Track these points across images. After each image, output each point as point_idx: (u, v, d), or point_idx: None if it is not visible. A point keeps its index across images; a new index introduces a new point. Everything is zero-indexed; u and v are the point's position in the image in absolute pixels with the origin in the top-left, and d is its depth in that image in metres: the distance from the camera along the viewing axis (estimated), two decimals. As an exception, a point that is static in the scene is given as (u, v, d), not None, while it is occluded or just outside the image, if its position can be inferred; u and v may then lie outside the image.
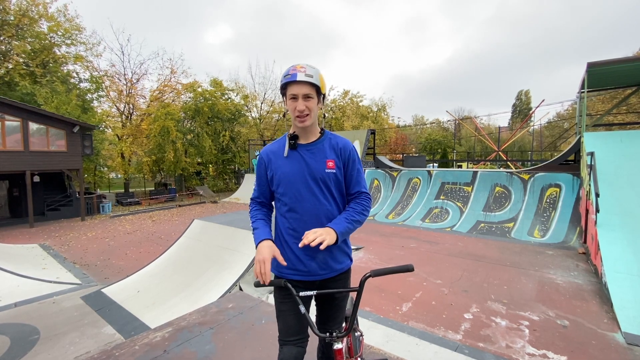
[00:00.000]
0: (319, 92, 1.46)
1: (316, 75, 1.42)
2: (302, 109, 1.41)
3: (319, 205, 1.49)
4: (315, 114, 1.47)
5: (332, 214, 1.51)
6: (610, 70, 7.65)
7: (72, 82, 18.91)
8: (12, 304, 5.18)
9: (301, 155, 1.51)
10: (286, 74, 1.43)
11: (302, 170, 1.49)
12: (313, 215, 1.48)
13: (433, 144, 31.35)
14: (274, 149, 1.58)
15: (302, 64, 1.43)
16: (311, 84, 1.41)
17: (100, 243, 9.65)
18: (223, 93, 24.36)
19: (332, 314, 1.59)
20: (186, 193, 21.57)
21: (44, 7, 17.93)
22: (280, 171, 1.51)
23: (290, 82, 1.41)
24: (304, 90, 1.40)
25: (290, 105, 1.44)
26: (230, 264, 5.32)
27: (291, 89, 1.41)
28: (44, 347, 3.95)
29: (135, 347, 2.58)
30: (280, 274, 1.54)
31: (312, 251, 1.47)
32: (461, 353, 3.15)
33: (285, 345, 1.47)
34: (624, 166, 6.50)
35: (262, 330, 2.90)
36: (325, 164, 1.50)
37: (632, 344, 3.34)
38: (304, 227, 1.46)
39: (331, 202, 1.52)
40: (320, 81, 1.44)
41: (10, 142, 12.11)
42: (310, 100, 1.42)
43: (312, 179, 1.48)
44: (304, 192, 1.48)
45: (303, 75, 1.39)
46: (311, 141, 1.53)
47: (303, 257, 1.49)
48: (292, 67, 1.44)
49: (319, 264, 1.50)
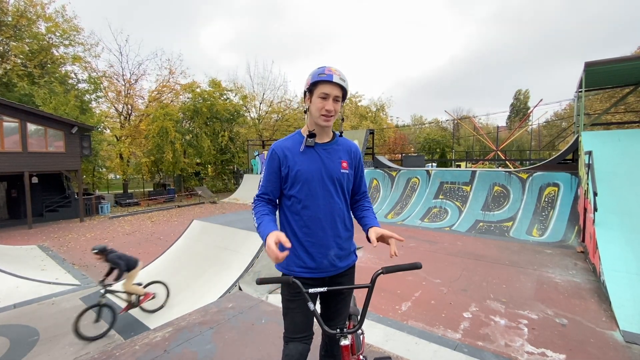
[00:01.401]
0: (345, 98, 1.54)
1: (347, 81, 1.51)
2: (331, 109, 1.47)
3: (333, 204, 1.55)
4: (337, 116, 1.55)
5: (343, 212, 1.59)
6: (608, 69, 7.67)
7: (70, 83, 18.88)
8: (11, 305, 5.18)
9: (318, 153, 1.55)
10: (321, 72, 1.48)
11: (319, 169, 1.53)
12: (327, 213, 1.53)
13: (432, 144, 31.40)
14: (288, 145, 1.57)
15: (334, 67, 1.50)
16: (342, 88, 1.48)
17: (99, 244, 9.63)
18: (222, 93, 24.34)
19: (338, 309, 1.62)
20: (185, 194, 21.54)
21: (41, 7, 17.89)
22: (298, 168, 1.53)
23: (324, 81, 1.45)
24: (335, 92, 1.47)
25: (319, 103, 1.48)
26: (230, 264, 5.33)
27: (324, 87, 1.46)
28: (43, 348, 3.95)
29: (135, 347, 2.58)
30: (290, 272, 1.54)
31: (325, 249, 1.53)
32: (460, 352, 3.16)
33: (291, 342, 1.50)
34: (622, 165, 6.53)
35: (262, 329, 2.90)
36: (340, 164, 1.57)
37: (630, 342, 3.35)
38: (317, 225, 1.52)
39: (342, 200, 1.59)
40: (348, 87, 1.53)
41: (8, 143, 12.07)
42: (338, 102, 1.50)
43: (328, 178, 1.54)
44: (320, 190, 1.52)
45: (338, 78, 1.46)
46: (326, 141, 1.59)
47: (316, 254, 1.52)
48: (326, 67, 1.49)
49: (330, 260, 1.54)
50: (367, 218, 1.61)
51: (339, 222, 1.56)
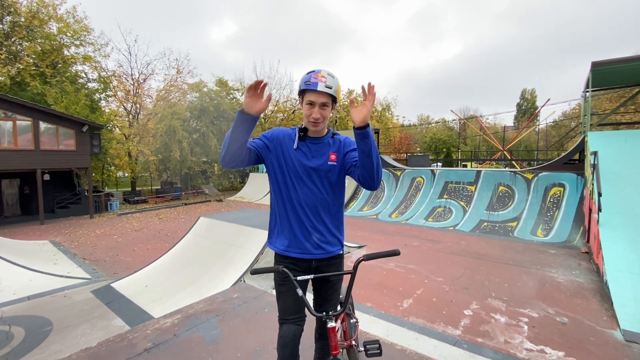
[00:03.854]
0: (335, 101, 1.54)
1: (335, 87, 1.49)
2: (318, 117, 1.50)
3: (317, 194, 1.61)
4: (327, 120, 1.58)
5: (327, 203, 1.64)
6: (615, 69, 7.60)
7: (80, 82, 19.24)
8: (25, 297, 5.37)
9: (308, 147, 1.62)
10: (307, 80, 1.48)
11: (307, 160, 1.60)
12: (311, 203, 1.61)
13: (438, 144, 31.23)
14: (287, 135, 1.65)
15: (323, 73, 1.49)
16: (329, 95, 1.48)
17: (108, 240, 9.86)
18: (228, 93, 24.56)
19: (327, 296, 1.72)
20: (192, 192, 21.82)
21: (53, 8, 18.26)
22: (288, 157, 1.60)
23: (309, 89, 1.47)
24: (321, 100, 1.48)
25: (307, 110, 1.51)
26: (236, 260, 5.44)
27: (310, 96, 1.48)
28: (56, 338, 4.11)
29: (147, 331, 2.74)
30: (281, 250, 1.66)
31: (307, 232, 1.62)
32: (460, 347, 3.22)
33: (285, 324, 1.61)
34: (628, 166, 6.48)
35: (265, 318, 3.03)
36: (329, 157, 1.62)
37: (630, 341, 3.37)
38: (302, 211, 1.60)
39: (329, 192, 1.64)
40: (337, 91, 1.51)
41: (21, 141, 12.40)
42: (325, 109, 1.50)
43: (315, 170, 1.60)
44: (307, 181, 1.60)
45: (323, 86, 1.46)
46: (318, 136, 1.64)
47: (300, 236, 1.62)
48: (313, 73, 1.49)
49: (312, 244, 1.62)
50: None
51: (322, 212, 1.62)
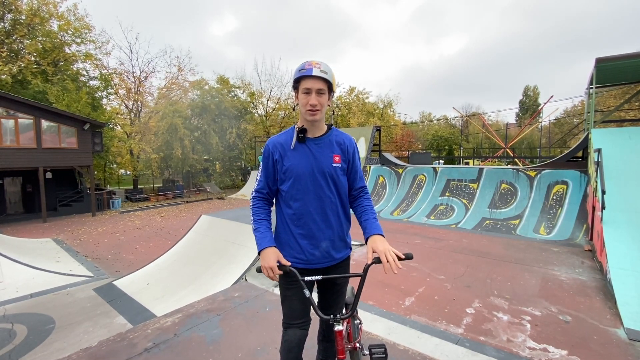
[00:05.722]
0: (330, 89, 1.51)
1: (330, 72, 1.48)
2: (315, 103, 1.46)
3: (325, 198, 1.56)
4: (325, 109, 1.53)
5: (336, 206, 1.60)
6: (619, 65, 7.52)
7: (82, 80, 19.25)
8: (28, 295, 5.40)
9: (309, 148, 1.56)
10: (301, 68, 1.47)
11: (310, 164, 1.54)
12: (319, 207, 1.55)
13: (440, 141, 31.10)
14: (281, 140, 1.60)
15: (316, 60, 1.47)
16: (325, 80, 1.46)
17: (110, 238, 9.90)
18: (229, 90, 24.53)
19: (333, 299, 1.67)
20: (193, 190, 21.86)
21: (54, 6, 18.24)
22: (289, 164, 1.55)
23: (305, 76, 1.45)
24: (317, 85, 1.45)
25: (303, 99, 1.48)
26: (237, 257, 5.44)
27: (306, 82, 1.46)
28: (59, 335, 4.13)
29: (147, 330, 2.73)
30: None
31: (316, 241, 1.56)
32: (462, 346, 3.21)
33: (290, 328, 1.56)
34: (632, 163, 6.42)
35: (267, 317, 3.02)
36: (332, 158, 1.57)
37: (634, 339, 3.35)
38: (309, 218, 1.55)
39: (335, 194, 1.59)
40: (333, 78, 1.50)
41: (23, 140, 12.44)
42: (322, 95, 1.48)
43: (319, 172, 1.55)
44: (311, 184, 1.54)
45: (318, 71, 1.44)
46: (318, 136, 1.59)
47: (307, 246, 1.56)
48: (307, 62, 1.48)
49: (322, 253, 1.58)
50: (367, 222, 1.57)
51: (332, 216, 1.58)
